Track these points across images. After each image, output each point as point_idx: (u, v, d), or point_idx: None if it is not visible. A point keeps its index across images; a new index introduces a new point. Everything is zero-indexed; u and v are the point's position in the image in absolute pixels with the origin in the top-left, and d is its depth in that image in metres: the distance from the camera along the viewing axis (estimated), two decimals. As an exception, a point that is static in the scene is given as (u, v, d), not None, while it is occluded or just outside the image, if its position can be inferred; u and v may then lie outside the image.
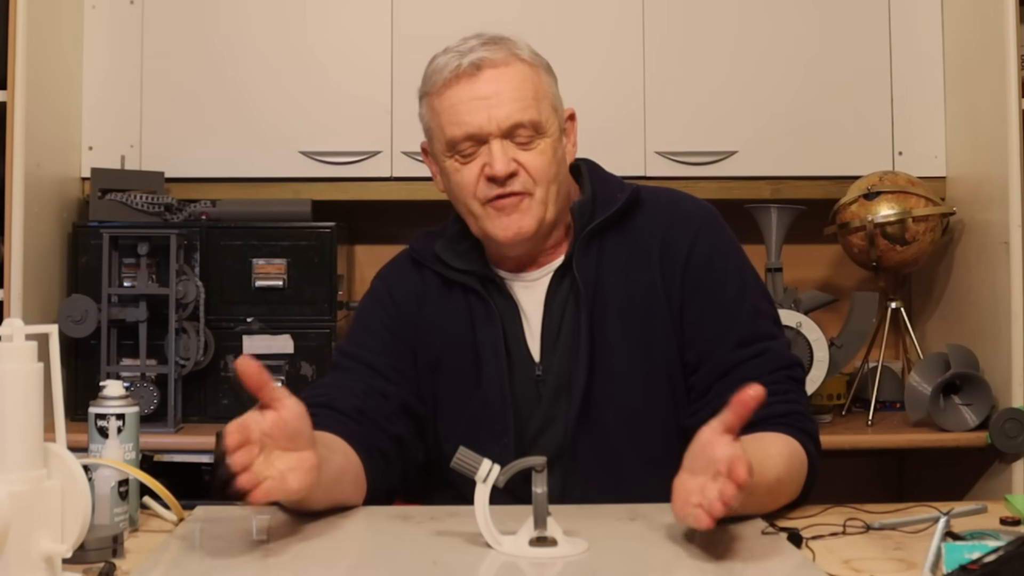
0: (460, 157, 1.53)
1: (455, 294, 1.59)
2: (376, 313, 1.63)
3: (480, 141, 1.50)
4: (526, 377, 1.56)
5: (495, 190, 1.50)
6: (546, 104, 1.53)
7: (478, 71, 1.50)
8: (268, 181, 2.68)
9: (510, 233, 1.52)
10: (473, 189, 1.52)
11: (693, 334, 1.53)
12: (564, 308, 1.56)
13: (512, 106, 1.49)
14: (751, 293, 1.55)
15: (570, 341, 1.54)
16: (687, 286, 1.54)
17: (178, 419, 2.43)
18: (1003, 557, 1.05)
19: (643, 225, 1.58)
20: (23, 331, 1.09)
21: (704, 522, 1.14)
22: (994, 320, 2.42)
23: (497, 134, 1.49)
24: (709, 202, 1.63)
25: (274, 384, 1.23)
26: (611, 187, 1.60)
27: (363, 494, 1.44)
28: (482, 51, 1.51)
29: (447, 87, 1.52)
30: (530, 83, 1.52)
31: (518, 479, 1.24)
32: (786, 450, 1.40)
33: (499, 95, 1.49)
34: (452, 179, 1.54)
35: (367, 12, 2.69)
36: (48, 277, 2.48)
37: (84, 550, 1.18)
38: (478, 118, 1.49)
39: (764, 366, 1.49)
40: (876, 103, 2.70)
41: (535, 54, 1.56)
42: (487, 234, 1.54)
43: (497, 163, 1.49)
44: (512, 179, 1.50)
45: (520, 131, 1.50)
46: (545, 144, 1.52)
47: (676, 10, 2.70)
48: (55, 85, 2.55)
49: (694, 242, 1.55)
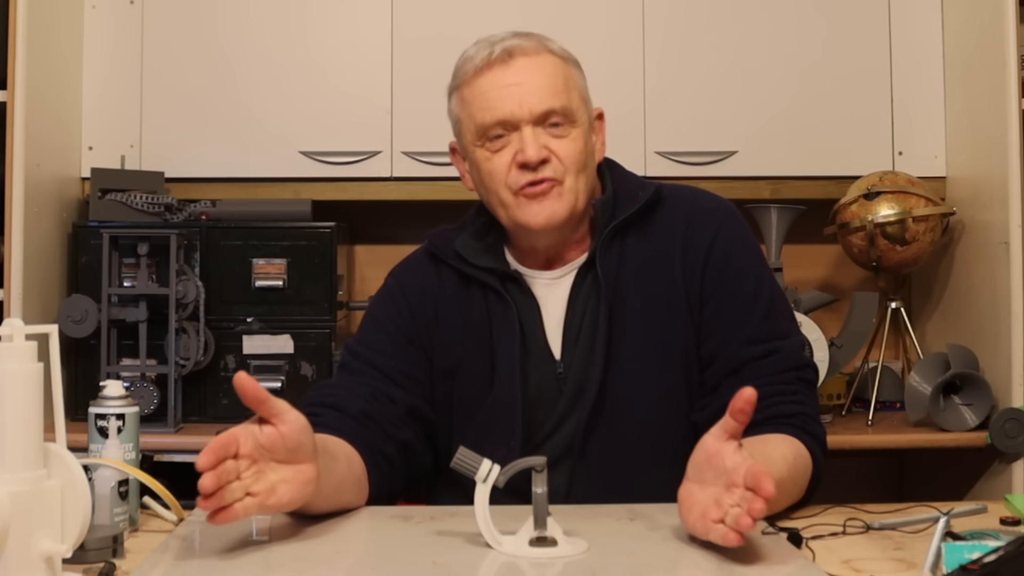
0: (491, 145, 1.52)
1: (473, 292, 1.58)
2: (389, 314, 1.61)
3: (511, 128, 1.50)
4: (547, 375, 1.55)
5: (527, 176, 1.50)
6: (576, 95, 1.54)
7: (510, 58, 1.51)
8: (268, 181, 2.68)
9: (542, 219, 1.51)
10: (504, 177, 1.51)
11: (709, 329, 1.54)
12: (586, 305, 1.55)
13: (544, 92, 1.50)
14: (768, 291, 1.55)
15: (590, 339, 1.54)
16: (707, 282, 1.54)
17: (178, 419, 2.43)
18: (1003, 557, 1.05)
19: (664, 223, 1.58)
20: (23, 331, 1.09)
21: (733, 540, 1.13)
22: (994, 320, 2.42)
23: (529, 120, 1.49)
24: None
25: (273, 399, 1.22)
26: (632, 185, 1.60)
27: (365, 498, 1.44)
28: (513, 40, 1.52)
29: (478, 75, 1.52)
30: (561, 73, 1.53)
31: (521, 477, 1.24)
32: (791, 453, 1.40)
33: (531, 82, 1.50)
34: (483, 168, 1.54)
35: (367, 13, 2.69)
36: (48, 277, 2.48)
37: (84, 550, 1.18)
38: (510, 104, 1.49)
39: (774, 365, 1.49)
40: (876, 103, 2.70)
41: (565, 50, 1.57)
42: (518, 222, 1.53)
43: (529, 148, 1.48)
44: (544, 165, 1.50)
45: (552, 118, 1.50)
46: (576, 133, 1.52)
47: (676, 10, 2.70)
48: (55, 85, 2.55)
49: (714, 239, 1.55)
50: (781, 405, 1.45)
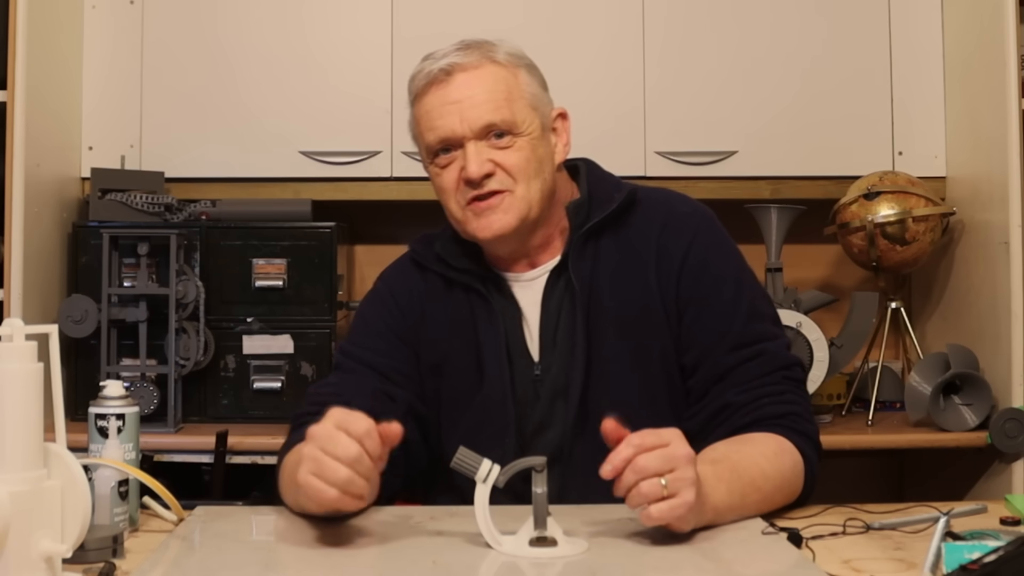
0: (439, 161, 1.55)
1: (457, 294, 1.60)
2: (379, 314, 1.63)
3: (456, 144, 1.52)
4: (525, 377, 1.56)
5: (472, 192, 1.52)
6: (522, 104, 1.54)
7: (449, 76, 1.52)
8: (268, 181, 2.68)
9: (490, 232, 1.53)
10: (454, 193, 1.54)
11: (690, 338, 1.53)
12: (560, 309, 1.56)
13: (484, 107, 1.51)
14: (748, 295, 1.55)
15: (567, 342, 1.54)
16: (683, 290, 1.54)
17: (178, 419, 2.43)
18: (1003, 557, 1.05)
19: (638, 227, 1.58)
20: (23, 331, 1.09)
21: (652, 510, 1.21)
22: (994, 320, 2.42)
23: (471, 136, 1.51)
24: (708, 202, 1.64)
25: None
26: (608, 187, 1.60)
27: (373, 500, 1.44)
28: (454, 56, 1.53)
29: (423, 94, 1.55)
30: (503, 84, 1.53)
31: (518, 479, 1.24)
32: (770, 450, 1.40)
33: (471, 98, 1.51)
34: (435, 184, 1.57)
35: (367, 12, 2.69)
36: (48, 277, 2.48)
37: (84, 550, 1.18)
38: (451, 121, 1.51)
39: (760, 368, 1.49)
40: (876, 103, 2.70)
41: (513, 55, 1.56)
42: (470, 234, 1.56)
43: (471, 165, 1.50)
44: (489, 179, 1.52)
45: (494, 131, 1.52)
46: (522, 142, 1.53)
47: (676, 10, 2.70)
48: (55, 85, 2.55)
49: (690, 246, 1.55)
50: (769, 407, 1.45)
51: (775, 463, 1.39)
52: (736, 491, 1.32)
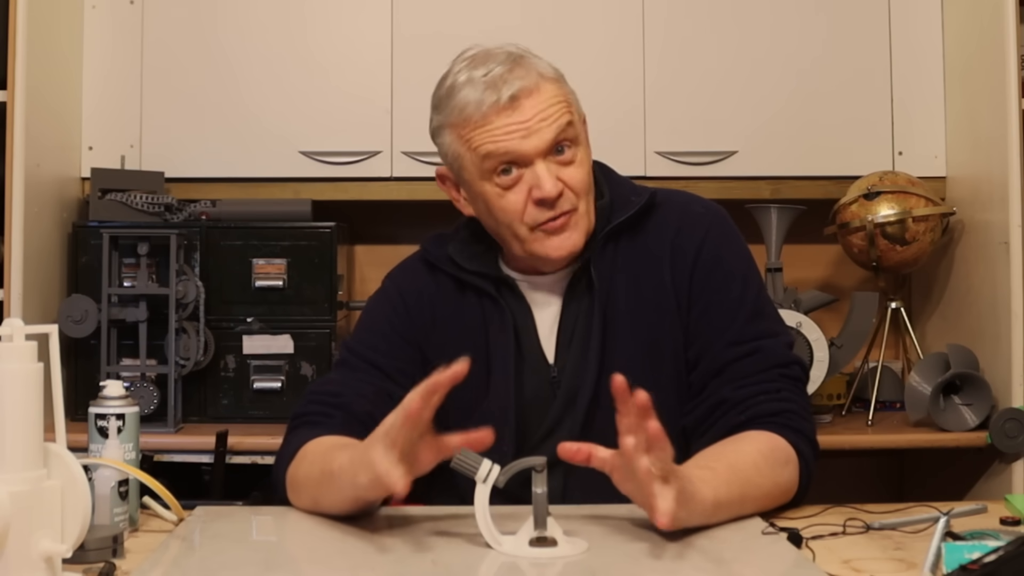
0: (500, 181, 1.50)
1: (468, 297, 1.59)
2: (385, 314, 1.62)
3: (522, 163, 1.49)
4: (541, 379, 1.56)
5: (546, 213, 1.49)
6: (574, 113, 1.53)
7: (515, 101, 1.47)
8: (268, 181, 2.68)
9: (564, 252, 1.52)
10: (520, 215, 1.50)
11: (696, 331, 1.54)
12: (579, 310, 1.56)
13: (553, 126, 1.48)
14: (754, 294, 1.55)
15: (583, 343, 1.54)
16: (695, 284, 1.55)
17: (178, 419, 2.43)
18: (1003, 557, 1.05)
19: (655, 228, 1.58)
20: (23, 331, 1.09)
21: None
22: (994, 320, 2.42)
23: (542, 155, 1.49)
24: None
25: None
26: (626, 190, 1.61)
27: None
28: (514, 81, 1.48)
29: (485, 120, 1.48)
30: (560, 97, 1.51)
31: (517, 482, 1.24)
32: (757, 449, 1.40)
33: (539, 116, 1.48)
34: (495, 205, 1.52)
35: (367, 12, 2.69)
36: (48, 277, 2.48)
37: (84, 550, 1.18)
38: (519, 141, 1.47)
39: (756, 364, 1.49)
40: (876, 103, 2.70)
41: (551, 67, 1.55)
42: (537, 256, 1.53)
43: (546, 184, 1.47)
44: (560, 200, 1.50)
45: (560, 146, 1.50)
46: (581, 154, 1.52)
47: (676, 10, 2.70)
48: (55, 85, 2.55)
49: (702, 243, 1.56)
50: (764, 404, 1.45)
51: (770, 461, 1.39)
52: (735, 489, 1.32)
